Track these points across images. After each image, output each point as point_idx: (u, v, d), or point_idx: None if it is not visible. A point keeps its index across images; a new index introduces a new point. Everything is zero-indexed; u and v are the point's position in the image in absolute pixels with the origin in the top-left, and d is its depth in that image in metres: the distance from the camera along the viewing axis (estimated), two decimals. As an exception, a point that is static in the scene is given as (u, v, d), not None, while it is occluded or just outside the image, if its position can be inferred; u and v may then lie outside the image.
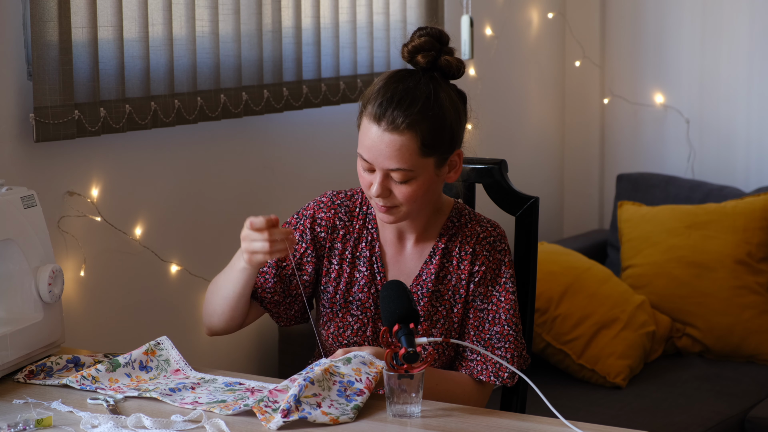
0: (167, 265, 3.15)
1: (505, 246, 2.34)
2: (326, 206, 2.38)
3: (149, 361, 2.30)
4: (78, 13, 2.75)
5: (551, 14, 4.62)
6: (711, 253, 3.96)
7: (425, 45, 2.28)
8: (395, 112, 2.19)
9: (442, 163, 2.26)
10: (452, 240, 2.34)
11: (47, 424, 2.03)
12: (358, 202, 2.39)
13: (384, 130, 2.19)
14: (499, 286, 2.31)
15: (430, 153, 2.22)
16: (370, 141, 2.21)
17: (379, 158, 2.20)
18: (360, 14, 3.59)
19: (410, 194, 2.22)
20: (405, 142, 2.19)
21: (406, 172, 2.21)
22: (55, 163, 2.83)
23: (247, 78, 3.22)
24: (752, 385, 3.72)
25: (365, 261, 2.35)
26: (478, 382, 2.31)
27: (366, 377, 2.11)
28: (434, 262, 2.33)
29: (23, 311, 2.37)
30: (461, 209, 2.38)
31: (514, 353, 2.29)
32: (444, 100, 2.25)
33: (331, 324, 2.36)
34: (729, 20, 4.42)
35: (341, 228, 2.37)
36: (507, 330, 2.29)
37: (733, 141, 4.47)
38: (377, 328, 2.34)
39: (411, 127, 2.19)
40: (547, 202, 4.69)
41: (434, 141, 2.21)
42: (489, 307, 2.31)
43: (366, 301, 2.34)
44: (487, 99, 4.32)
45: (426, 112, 2.21)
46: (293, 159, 3.50)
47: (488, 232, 2.34)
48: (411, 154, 2.19)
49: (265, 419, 2.01)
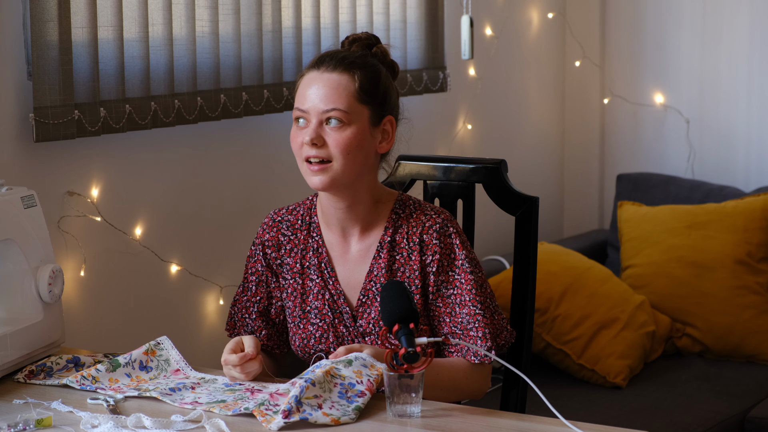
0: (167, 265, 3.15)
1: (453, 229, 2.33)
2: (269, 227, 2.42)
3: (149, 361, 2.30)
4: (78, 13, 2.75)
5: (551, 14, 4.62)
6: (711, 253, 3.96)
7: (362, 36, 2.36)
8: (334, 59, 2.29)
9: (376, 121, 2.30)
10: (398, 231, 2.34)
11: (47, 424, 2.03)
12: (299, 214, 2.41)
13: (323, 72, 2.27)
14: (458, 269, 2.31)
15: (366, 101, 2.27)
16: (307, 86, 2.28)
17: (315, 101, 2.26)
18: (360, 14, 3.59)
19: (344, 141, 2.25)
20: (343, 82, 2.26)
21: (343, 113, 2.25)
22: (55, 163, 2.83)
23: (247, 78, 3.22)
24: (752, 385, 3.72)
25: (315, 269, 2.37)
26: (472, 363, 2.31)
27: (367, 379, 2.11)
28: (383, 256, 2.33)
29: (23, 311, 2.37)
30: (405, 200, 2.37)
31: (486, 330, 2.28)
32: (378, 63, 2.33)
33: (296, 337, 2.38)
34: (729, 20, 4.42)
35: (286, 243, 2.40)
36: (473, 310, 2.29)
37: (733, 141, 4.47)
38: (338, 333, 2.34)
39: (349, 69, 2.27)
40: (547, 202, 4.69)
41: (370, 89, 2.28)
42: (454, 291, 2.31)
43: (322, 308, 2.35)
44: (487, 99, 4.33)
45: (364, 62, 2.30)
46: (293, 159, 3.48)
47: (433, 220, 2.33)
48: (348, 95, 2.26)
49: (266, 421, 2.00)
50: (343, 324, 2.34)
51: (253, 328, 2.41)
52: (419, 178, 2.66)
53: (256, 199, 3.39)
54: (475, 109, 4.29)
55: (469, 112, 4.25)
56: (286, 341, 2.45)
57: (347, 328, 2.34)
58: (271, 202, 3.42)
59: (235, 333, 2.43)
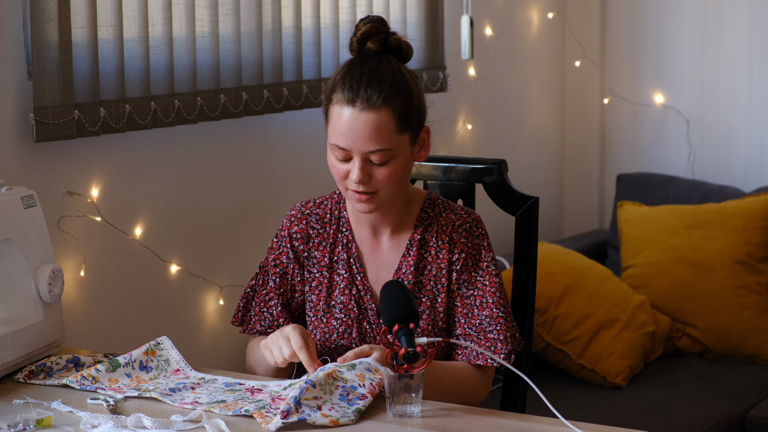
0: (167, 265, 3.15)
1: (482, 230, 2.33)
2: (297, 219, 2.38)
3: (149, 361, 2.30)
4: (78, 13, 2.75)
5: (551, 14, 4.62)
6: (711, 253, 3.96)
7: (372, 30, 2.26)
8: (368, 90, 2.17)
9: (415, 139, 2.26)
10: (428, 230, 2.33)
11: (47, 424, 2.03)
12: (327, 208, 2.39)
13: (360, 110, 2.17)
14: (482, 270, 2.31)
15: (406, 128, 2.21)
16: (346, 125, 2.18)
17: (357, 141, 2.18)
18: (360, 14, 3.59)
19: (390, 175, 2.21)
20: (383, 119, 2.17)
21: (387, 152, 2.19)
22: (55, 163, 2.83)
23: (247, 78, 3.22)
24: (752, 385, 3.72)
25: (344, 264, 2.35)
26: (478, 367, 2.31)
27: (369, 383, 2.10)
28: (412, 254, 2.32)
29: (23, 311, 2.37)
30: (434, 199, 2.37)
31: (507, 334, 2.28)
32: (407, 75, 2.24)
33: (317, 330, 2.36)
34: (729, 20, 4.42)
35: (315, 236, 2.37)
36: (496, 312, 2.28)
37: (733, 141, 4.47)
38: (362, 329, 2.34)
39: (386, 102, 2.17)
40: (547, 202, 4.69)
41: (408, 115, 2.21)
42: (475, 293, 2.30)
43: (348, 303, 2.34)
44: (487, 99, 4.33)
45: (396, 86, 2.19)
46: (293, 159, 3.50)
47: (463, 219, 2.33)
48: (390, 132, 2.18)
49: (265, 422, 2.00)
50: (367, 320, 2.33)
51: (273, 322, 2.37)
52: (419, 178, 2.66)
53: (256, 199, 3.39)
54: (475, 109, 4.29)
55: (469, 112, 4.25)
56: None
57: (371, 325, 2.33)
58: (271, 202, 3.42)
59: (249, 328, 2.40)
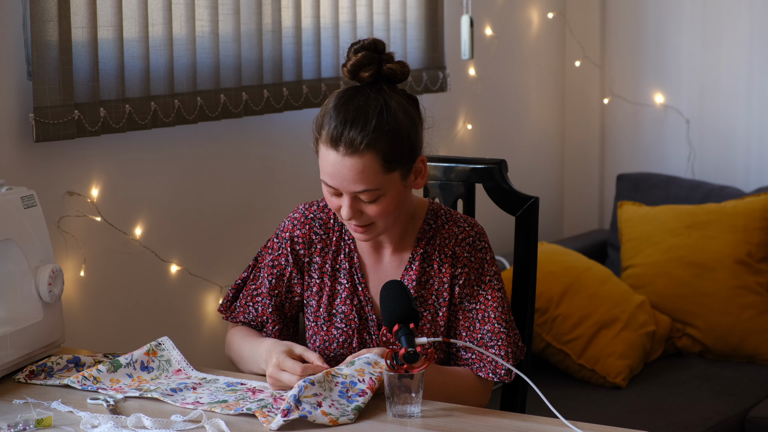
0: (167, 265, 3.15)
1: (485, 244, 2.32)
2: (300, 223, 2.36)
3: (150, 361, 2.30)
4: (78, 13, 2.75)
5: (551, 14, 4.62)
6: (711, 253, 3.96)
7: (364, 60, 2.22)
8: (351, 133, 2.13)
9: (407, 174, 2.22)
10: (430, 243, 2.31)
11: (47, 424, 2.03)
12: (331, 213, 2.37)
13: (344, 155, 2.14)
14: (485, 284, 2.29)
15: (394, 168, 2.18)
16: (331, 167, 2.16)
17: (343, 183, 2.16)
18: (360, 14, 3.59)
19: (381, 211, 2.19)
20: (367, 163, 2.14)
21: (373, 192, 2.17)
22: (55, 163, 2.83)
23: (247, 78, 3.22)
24: (752, 385, 3.72)
25: (345, 273, 2.34)
26: (479, 378, 2.31)
27: (369, 377, 2.10)
28: (414, 268, 2.31)
29: (23, 311, 2.37)
30: (436, 210, 2.35)
31: (508, 350, 2.27)
32: (397, 111, 2.18)
33: (317, 338, 2.36)
34: (729, 20, 4.42)
35: (318, 242, 2.36)
36: (498, 328, 2.27)
37: (733, 141, 4.47)
38: (363, 339, 2.33)
39: (370, 147, 2.13)
40: (547, 202, 4.69)
41: (395, 155, 2.17)
42: (477, 307, 2.29)
43: (349, 313, 2.33)
44: (487, 99, 4.33)
45: (382, 127, 2.14)
46: (293, 159, 3.50)
47: (466, 233, 2.31)
48: (375, 174, 2.15)
49: (267, 421, 2.01)
50: (367, 331, 2.32)
51: (257, 317, 2.38)
52: (419, 178, 2.65)
53: (256, 199, 3.39)
54: (475, 109, 4.29)
55: (469, 112, 4.25)
56: (296, 335, 2.43)
57: (371, 336, 2.33)
58: (271, 202, 3.42)
59: (232, 317, 2.40)
